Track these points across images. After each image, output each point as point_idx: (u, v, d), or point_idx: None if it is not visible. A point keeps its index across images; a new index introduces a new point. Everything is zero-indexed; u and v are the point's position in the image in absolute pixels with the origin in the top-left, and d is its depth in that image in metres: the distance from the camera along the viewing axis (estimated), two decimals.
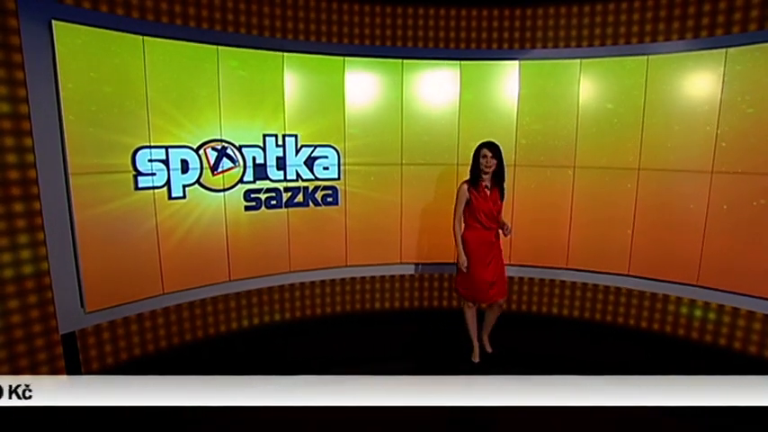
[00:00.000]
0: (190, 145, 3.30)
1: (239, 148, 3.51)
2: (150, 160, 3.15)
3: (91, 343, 3.15)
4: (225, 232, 3.55)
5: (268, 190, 3.68)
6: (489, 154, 3.16)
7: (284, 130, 3.67)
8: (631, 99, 3.59)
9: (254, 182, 3.61)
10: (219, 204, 3.49)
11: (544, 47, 3.83)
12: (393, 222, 4.10)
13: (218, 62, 3.35)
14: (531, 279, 4.18)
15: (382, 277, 4.22)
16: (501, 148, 3.20)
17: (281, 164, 3.69)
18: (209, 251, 3.52)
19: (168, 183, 3.24)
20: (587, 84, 3.71)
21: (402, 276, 4.25)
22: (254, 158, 3.58)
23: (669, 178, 3.55)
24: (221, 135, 3.42)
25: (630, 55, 3.54)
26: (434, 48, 3.90)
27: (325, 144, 3.82)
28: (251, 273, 3.74)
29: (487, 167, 3.17)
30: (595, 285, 4.00)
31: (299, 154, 3.74)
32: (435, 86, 3.93)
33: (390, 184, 4.02)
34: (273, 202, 3.71)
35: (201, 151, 3.35)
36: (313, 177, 3.82)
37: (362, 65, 3.81)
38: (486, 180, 3.24)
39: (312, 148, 3.78)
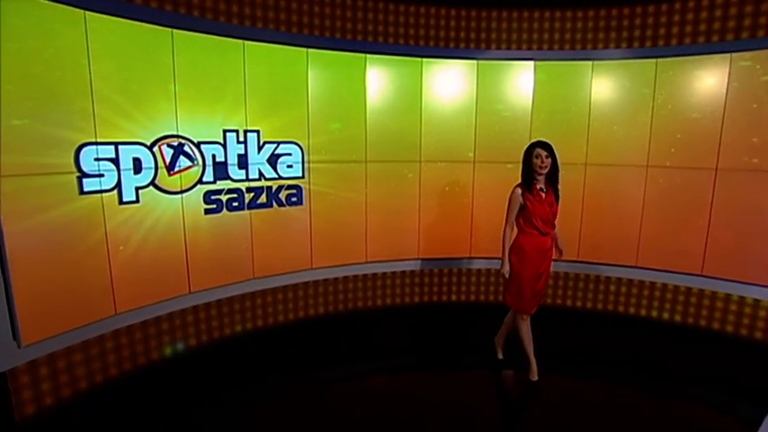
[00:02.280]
0: (143, 141, 2.91)
1: (197, 145, 3.19)
2: (97, 159, 2.71)
3: (25, 382, 2.63)
4: (183, 239, 3.20)
5: (229, 191, 3.40)
6: (544, 153, 2.93)
7: (246, 125, 3.41)
8: (580, 100, 4.00)
9: (214, 182, 3.31)
10: (177, 208, 3.14)
11: (498, 48, 4.08)
12: (358, 221, 4.05)
13: (173, 47, 3.00)
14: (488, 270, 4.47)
15: (345, 278, 4.15)
16: (554, 146, 3.00)
17: (243, 162, 3.43)
18: (167, 262, 3.16)
19: (119, 185, 2.83)
20: (541, 85, 4.04)
21: (365, 276, 4.23)
22: (213, 156, 3.28)
23: (612, 172, 4.03)
24: (177, 130, 3.08)
25: (578, 59, 3.94)
26: (397, 44, 3.92)
27: (289, 140, 3.63)
28: (212, 282, 3.44)
29: (542, 168, 2.94)
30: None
31: (262, 151, 3.52)
32: (399, 83, 3.95)
33: (355, 182, 3.97)
34: (235, 204, 3.44)
35: (156, 148, 2.97)
36: (276, 176, 3.61)
37: (327, 58, 3.69)
38: (541, 182, 3.02)
39: (275, 145, 3.57)
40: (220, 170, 3.32)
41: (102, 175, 2.74)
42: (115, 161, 2.79)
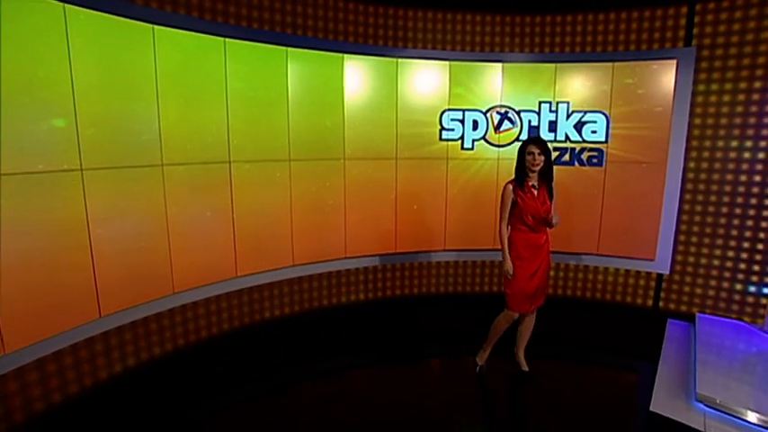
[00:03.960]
0: None
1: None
2: None
3: None
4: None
5: None
6: (537, 151, 2.97)
7: (159, 120, 3.09)
8: (492, 100, 4.37)
9: None
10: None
11: (414, 47, 4.25)
12: (283, 222, 3.93)
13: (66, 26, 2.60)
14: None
15: (271, 284, 4.01)
16: (547, 143, 3.05)
17: None
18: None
19: None
20: (455, 85, 4.32)
21: (290, 280, 4.13)
22: None
23: None
24: None
25: (489, 61, 4.29)
26: (316, 37, 3.87)
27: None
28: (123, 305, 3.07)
29: (535, 165, 2.99)
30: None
31: None
32: (321, 79, 3.92)
33: (278, 182, 3.85)
34: None
35: None
36: None
37: (247, 50, 3.52)
38: (533, 179, 3.06)
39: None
40: None
41: None
42: None
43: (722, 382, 3.02)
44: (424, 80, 4.27)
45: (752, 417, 2.74)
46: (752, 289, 3.83)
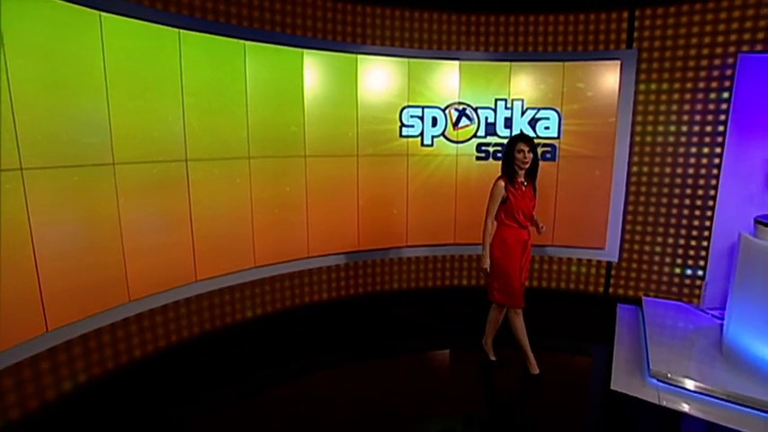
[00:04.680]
0: None
1: None
2: None
3: None
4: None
5: None
6: (526, 148, 3.02)
7: (109, 112, 2.91)
8: (450, 98, 4.49)
9: None
10: None
11: (373, 43, 4.28)
12: (243, 222, 3.83)
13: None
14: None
15: (232, 287, 3.89)
16: (534, 140, 3.13)
17: None
18: None
19: None
20: (414, 82, 4.40)
21: (252, 282, 4.03)
22: None
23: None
24: None
25: (446, 59, 4.41)
26: (273, 31, 3.80)
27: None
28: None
29: (524, 163, 3.05)
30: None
31: None
32: (281, 74, 3.86)
33: (238, 180, 3.74)
34: None
35: None
36: None
37: (203, 43, 3.40)
38: (521, 176, 3.12)
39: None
40: None
41: None
42: None
43: (670, 358, 3.33)
44: (384, 77, 4.32)
45: (690, 384, 3.06)
46: (688, 272, 4.25)
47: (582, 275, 4.64)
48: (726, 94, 3.87)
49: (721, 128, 3.93)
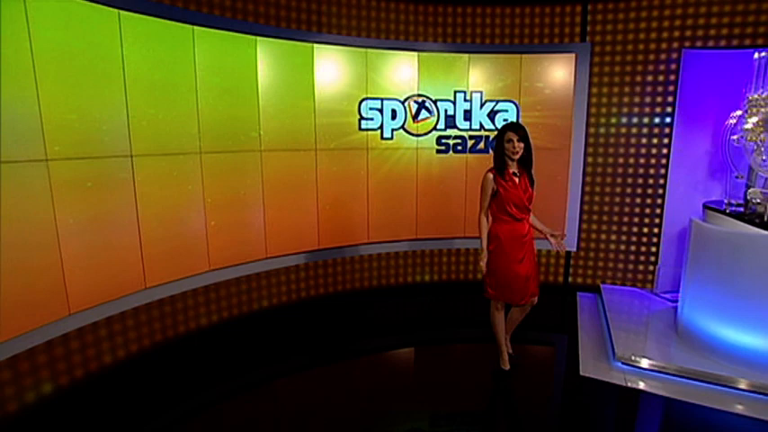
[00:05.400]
0: None
1: None
2: None
3: None
4: None
5: None
6: (515, 138, 2.95)
7: (38, 106, 2.62)
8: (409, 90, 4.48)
9: None
10: None
11: (329, 32, 4.18)
12: (196, 223, 3.61)
13: None
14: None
15: (185, 294, 3.66)
16: (527, 129, 3.02)
17: None
18: None
19: None
20: (372, 72, 4.35)
21: (207, 287, 3.82)
22: None
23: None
24: None
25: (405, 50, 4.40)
26: (224, 16, 3.60)
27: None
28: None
29: (514, 153, 2.97)
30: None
31: None
32: (234, 63, 3.68)
33: (188, 177, 3.52)
34: None
35: None
36: None
37: (147, 27, 3.15)
38: (513, 166, 3.04)
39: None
40: None
41: None
42: None
43: (632, 342, 3.52)
44: (342, 68, 4.23)
45: (652, 365, 3.25)
46: (641, 259, 4.53)
47: (542, 266, 4.81)
48: (671, 88, 4.15)
49: (668, 119, 4.21)
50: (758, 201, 3.26)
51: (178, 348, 3.62)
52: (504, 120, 4.54)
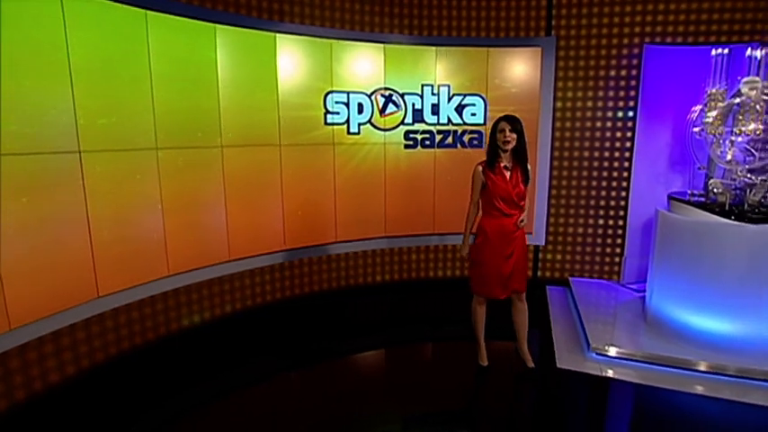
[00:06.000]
0: None
1: None
2: None
3: None
4: None
5: None
6: (507, 128, 2.90)
7: None
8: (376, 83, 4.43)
9: None
10: None
11: (292, 21, 4.05)
12: (153, 224, 3.41)
13: None
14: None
15: (142, 301, 3.44)
16: (522, 121, 2.97)
17: None
18: None
19: None
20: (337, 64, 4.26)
21: (165, 294, 3.61)
22: None
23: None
24: None
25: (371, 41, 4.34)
26: (179, 2, 3.41)
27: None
28: None
29: (505, 144, 2.92)
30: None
31: None
32: (190, 53, 3.50)
33: (144, 175, 3.32)
34: None
35: None
36: None
37: (95, 11, 2.93)
38: (505, 159, 2.99)
39: None
40: None
41: None
42: None
43: (604, 332, 3.63)
44: (306, 59, 4.12)
45: (625, 354, 3.37)
46: (608, 251, 4.69)
47: None
48: (634, 82, 4.32)
49: (632, 113, 4.38)
50: (719, 191, 3.44)
51: (136, 361, 3.39)
52: (473, 114, 4.59)
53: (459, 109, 4.58)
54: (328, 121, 4.30)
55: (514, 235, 3.08)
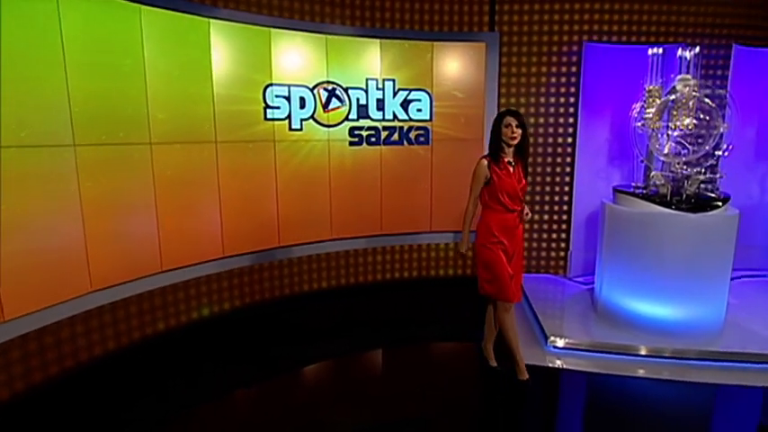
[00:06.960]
0: None
1: None
2: None
3: None
4: None
5: None
6: (514, 123, 2.90)
7: None
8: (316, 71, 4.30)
9: None
10: None
11: (226, 6, 3.81)
12: (72, 232, 3.04)
13: None
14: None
15: (59, 323, 3.04)
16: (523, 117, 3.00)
17: None
18: None
19: None
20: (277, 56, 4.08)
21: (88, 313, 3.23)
22: None
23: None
24: None
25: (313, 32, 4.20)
26: None
27: None
28: None
29: (512, 139, 2.91)
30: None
31: None
32: (111, 36, 3.17)
33: (59, 176, 2.96)
34: None
35: None
36: None
37: None
38: (509, 154, 2.99)
39: None
40: None
41: None
42: None
43: (558, 325, 3.79)
44: (243, 48, 3.90)
45: (560, 342, 3.55)
46: (553, 246, 4.91)
47: (460, 259, 4.96)
48: (574, 79, 4.56)
49: (573, 110, 4.62)
50: (661, 182, 3.70)
51: (54, 392, 3.00)
52: (419, 110, 4.59)
53: (405, 104, 4.57)
54: (268, 116, 4.10)
55: (517, 230, 3.10)
